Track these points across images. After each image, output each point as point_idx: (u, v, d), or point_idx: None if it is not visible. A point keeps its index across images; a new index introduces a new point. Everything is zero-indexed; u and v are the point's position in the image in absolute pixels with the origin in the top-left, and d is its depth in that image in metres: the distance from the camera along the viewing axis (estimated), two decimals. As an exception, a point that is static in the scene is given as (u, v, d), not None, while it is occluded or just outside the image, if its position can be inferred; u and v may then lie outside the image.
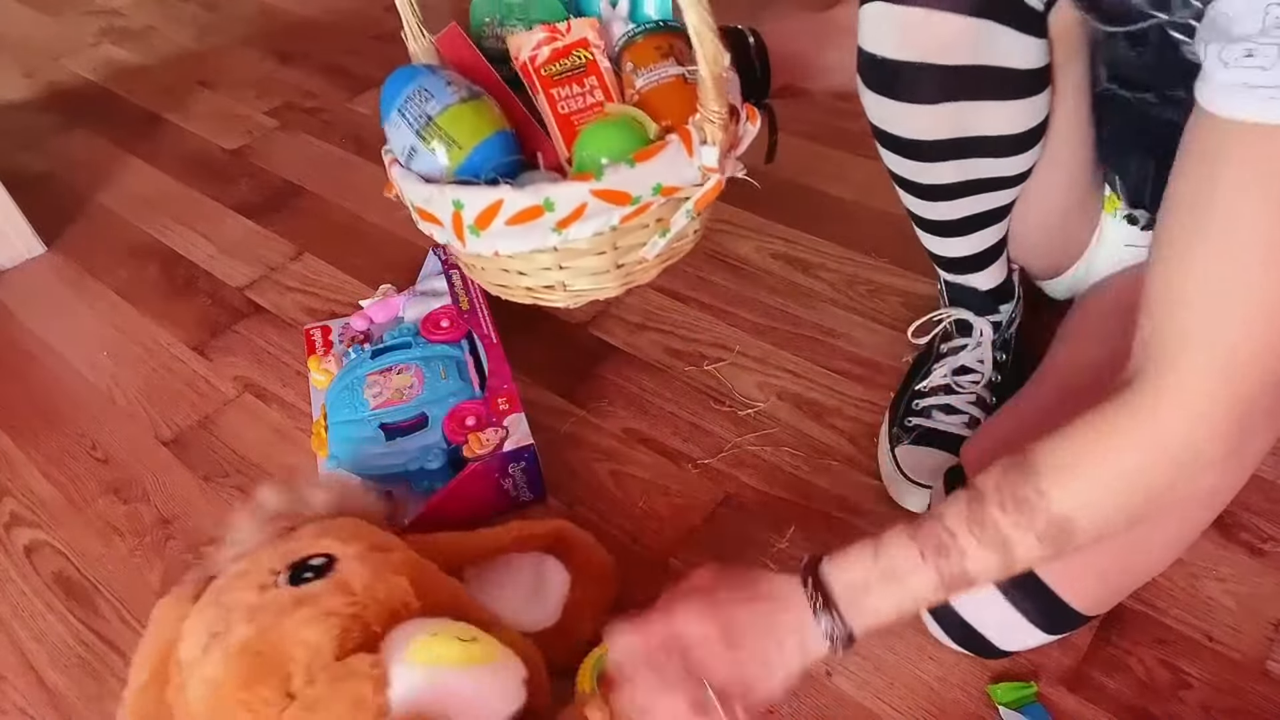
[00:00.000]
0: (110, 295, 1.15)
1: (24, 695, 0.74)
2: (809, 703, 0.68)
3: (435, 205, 0.57)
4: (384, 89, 0.62)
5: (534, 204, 0.54)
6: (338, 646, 0.56)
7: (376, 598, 0.58)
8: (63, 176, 1.40)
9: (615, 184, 0.55)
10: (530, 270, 0.60)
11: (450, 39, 0.67)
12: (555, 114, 0.63)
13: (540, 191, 0.54)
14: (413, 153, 0.59)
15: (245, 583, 0.60)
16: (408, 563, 0.62)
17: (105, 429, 0.97)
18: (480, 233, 0.56)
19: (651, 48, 0.63)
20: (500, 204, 0.55)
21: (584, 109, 0.62)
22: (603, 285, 0.62)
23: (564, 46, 0.63)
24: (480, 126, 0.59)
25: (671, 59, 0.62)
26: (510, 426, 0.81)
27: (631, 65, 0.62)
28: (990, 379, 0.83)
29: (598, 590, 0.72)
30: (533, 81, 0.64)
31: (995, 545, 0.51)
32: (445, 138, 0.58)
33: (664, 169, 0.56)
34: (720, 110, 0.55)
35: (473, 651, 0.54)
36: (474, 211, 0.56)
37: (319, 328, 1.01)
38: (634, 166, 0.55)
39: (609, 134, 0.58)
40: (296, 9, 1.87)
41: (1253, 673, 0.67)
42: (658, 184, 0.56)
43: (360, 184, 1.31)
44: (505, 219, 0.55)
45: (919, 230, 0.80)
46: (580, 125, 0.62)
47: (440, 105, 0.58)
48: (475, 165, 0.59)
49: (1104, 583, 0.64)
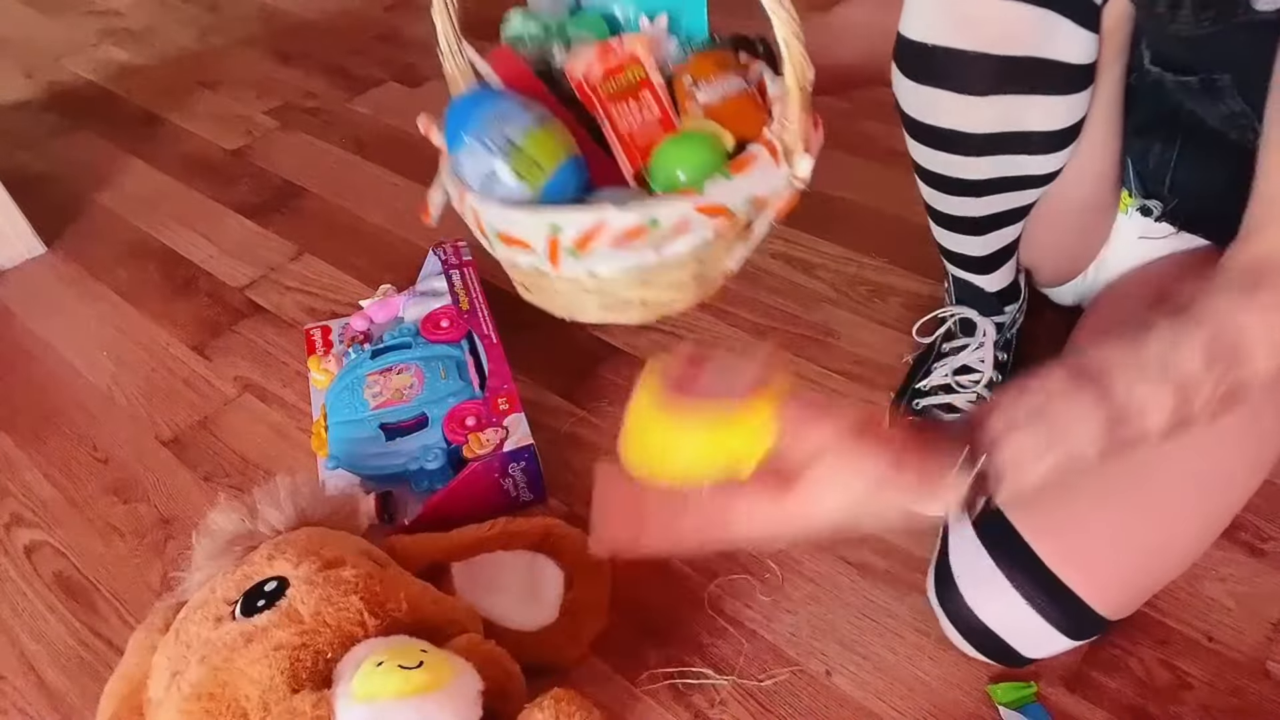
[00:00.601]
0: (110, 295, 1.15)
1: (24, 695, 0.74)
2: (809, 703, 0.68)
3: (525, 229, 0.55)
4: (450, 114, 0.61)
5: (639, 223, 0.54)
6: (290, 679, 0.56)
7: (327, 623, 0.59)
8: (63, 176, 1.40)
9: (716, 198, 0.55)
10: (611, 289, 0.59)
11: (503, 59, 0.66)
12: (617, 132, 0.63)
13: (645, 210, 0.54)
14: (492, 177, 0.57)
15: (202, 614, 0.61)
16: (362, 577, 0.62)
17: (105, 429, 0.97)
18: (580, 255, 0.55)
19: (711, 63, 0.63)
20: (603, 225, 0.54)
21: (642, 125, 0.63)
22: (681, 298, 0.61)
23: (617, 64, 0.63)
24: (557, 149, 0.58)
25: (731, 72, 0.63)
26: (510, 426, 0.81)
27: (691, 80, 0.63)
28: (991, 379, 0.83)
29: (593, 587, 0.73)
30: (591, 100, 0.64)
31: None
32: (528, 161, 0.57)
33: (757, 180, 0.56)
34: (808, 121, 0.55)
35: (415, 681, 0.54)
36: (573, 234, 0.54)
37: (319, 328, 1.01)
38: (731, 179, 0.55)
39: (688, 148, 0.59)
40: (297, 9, 1.87)
41: (1253, 673, 0.67)
42: (751, 195, 0.56)
43: (360, 184, 1.31)
44: (608, 240, 0.54)
45: (936, 225, 0.79)
46: (641, 141, 0.62)
47: (520, 129, 0.57)
48: (556, 187, 0.58)
49: (1128, 586, 0.64)
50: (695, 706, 0.68)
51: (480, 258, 1.09)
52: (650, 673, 0.70)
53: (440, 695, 0.55)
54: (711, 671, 0.70)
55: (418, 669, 0.54)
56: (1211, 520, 0.64)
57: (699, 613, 0.74)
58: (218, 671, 0.57)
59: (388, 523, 0.81)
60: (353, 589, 0.61)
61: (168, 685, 0.59)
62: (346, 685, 0.55)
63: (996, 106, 0.64)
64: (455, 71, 0.62)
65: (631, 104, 0.63)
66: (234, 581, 0.62)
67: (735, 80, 0.63)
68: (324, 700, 0.55)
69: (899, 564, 0.76)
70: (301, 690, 0.56)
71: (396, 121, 1.44)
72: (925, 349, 0.88)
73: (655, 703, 0.69)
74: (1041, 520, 0.64)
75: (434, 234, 1.18)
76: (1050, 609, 0.62)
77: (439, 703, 0.54)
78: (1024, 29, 0.60)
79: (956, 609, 0.66)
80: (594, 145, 0.65)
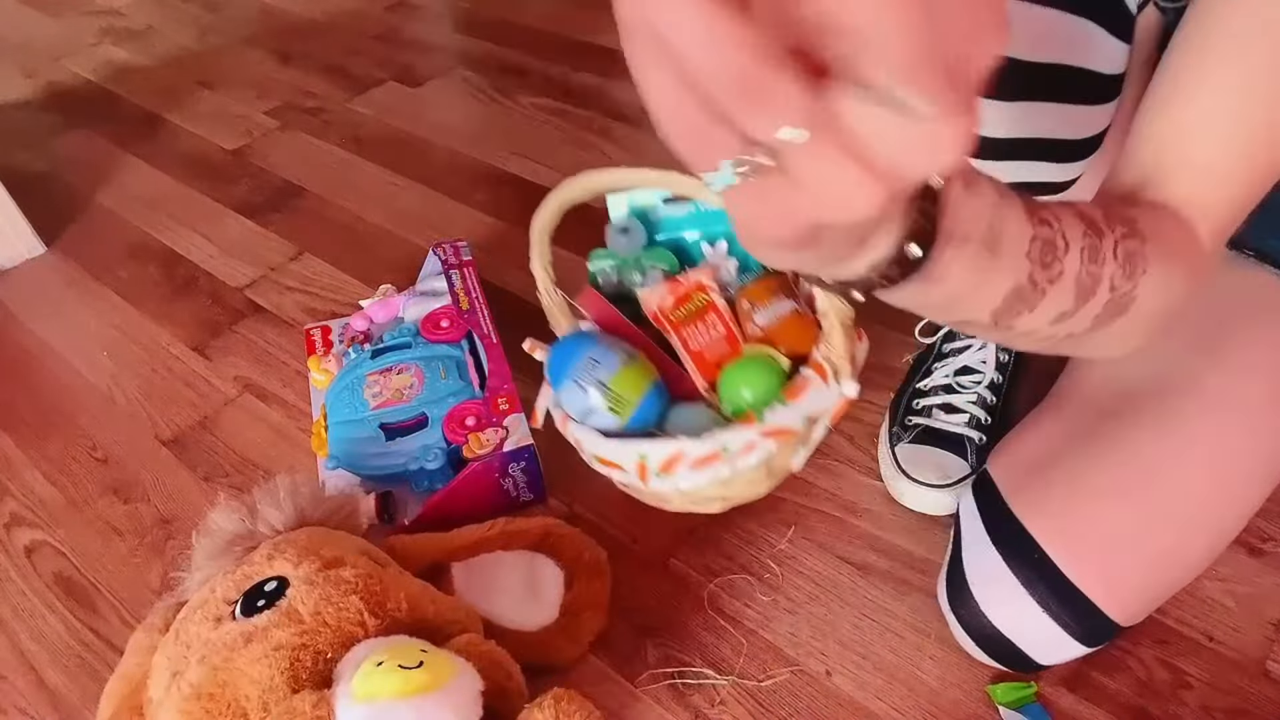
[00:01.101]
0: (110, 295, 1.15)
1: (24, 695, 0.74)
2: (809, 703, 0.68)
3: (618, 456, 0.66)
4: (553, 355, 0.72)
5: (713, 450, 0.64)
6: (290, 679, 0.56)
7: (326, 623, 0.59)
8: (63, 176, 1.40)
9: (776, 422, 0.64)
10: (693, 494, 0.70)
11: (592, 300, 0.78)
12: (689, 351, 0.74)
13: (716, 440, 0.63)
14: (590, 412, 0.69)
15: (202, 615, 0.61)
16: (362, 577, 0.62)
17: (105, 429, 0.97)
18: (664, 475, 0.66)
19: (764, 289, 0.73)
20: (682, 454, 0.64)
21: (710, 342, 0.74)
22: (755, 491, 0.72)
23: (685, 293, 0.75)
24: (641, 383, 0.69)
25: (782, 294, 0.73)
26: (510, 426, 0.81)
27: (749, 304, 0.73)
28: (992, 379, 0.83)
29: (593, 585, 0.73)
30: (665, 326, 0.75)
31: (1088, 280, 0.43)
32: (617, 398, 0.68)
33: (811, 401, 0.65)
34: (852, 342, 0.65)
35: (414, 681, 0.54)
36: (658, 461, 0.65)
37: (319, 328, 1.01)
38: (787, 404, 0.64)
39: (750, 372, 0.68)
40: (297, 9, 1.87)
41: (1253, 673, 0.67)
42: (807, 414, 0.65)
43: (360, 184, 1.31)
44: (687, 464, 0.64)
45: None
46: (710, 356, 0.73)
47: (610, 371, 0.68)
48: (642, 415, 0.69)
49: (1143, 592, 0.64)
50: (695, 706, 0.68)
51: (480, 258, 1.09)
52: (650, 673, 0.70)
53: (440, 695, 0.54)
54: (711, 671, 0.70)
55: (418, 669, 0.54)
56: (1225, 525, 0.64)
57: (699, 613, 0.74)
58: (218, 671, 0.57)
59: (388, 523, 0.81)
60: (353, 589, 0.61)
61: (168, 685, 0.59)
62: (346, 685, 0.55)
63: (1021, 112, 0.63)
64: (553, 306, 0.75)
65: (700, 325, 0.74)
66: (234, 581, 0.62)
67: (786, 303, 0.72)
68: (324, 700, 0.55)
69: (899, 564, 0.76)
70: (301, 690, 0.56)
71: (396, 121, 1.44)
72: (926, 349, 0.88)
73: (655, 703, 0.69)
74: (1057, 525, 0.64)
75: (434, 234, 1.18)
76: (1065, 615, 0.62)
77: (439, 703, 0.54)
78: (1057, 35, 0.59)
79: (969, 614, 0.66)
80: (670, 361, 0.76)
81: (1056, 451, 0.68)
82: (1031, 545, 0.63)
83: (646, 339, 0.77)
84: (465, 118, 1.45)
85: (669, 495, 0.69)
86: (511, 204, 1.23)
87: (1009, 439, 0.74)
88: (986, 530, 0.66)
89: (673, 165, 0.36)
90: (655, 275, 0.82)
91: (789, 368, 0.70)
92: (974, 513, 0.69)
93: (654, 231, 0.86)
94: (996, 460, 0.72)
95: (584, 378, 0.69)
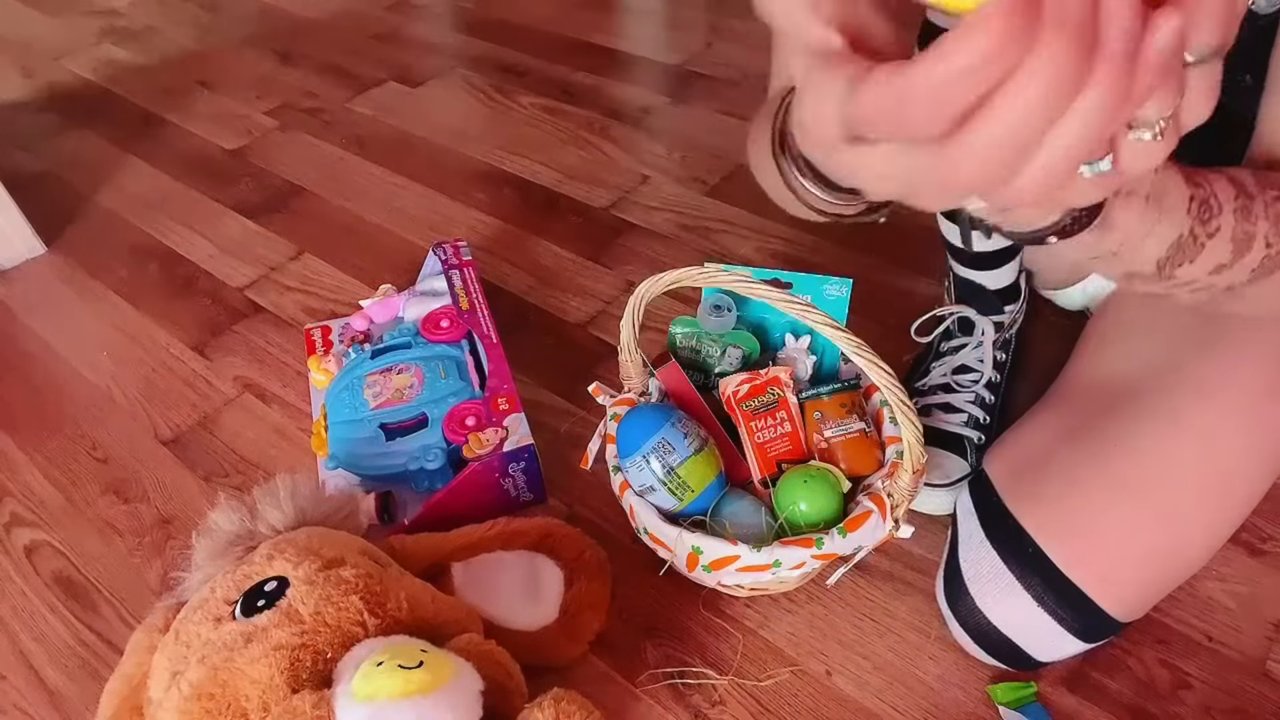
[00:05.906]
0: (110, 295, 1.15)
1: (24, 695, 0.74)
2: (808, 703, 0.68)
3: (671, 540, 0.68)
4: (624, 427, 0.73)
5: (766, 562, 0.65)
6: (290, 679, 0.56)
7: (326, 623, 0.59)
8: (62, 176, 1.40)
9: (830, 549, 0.65)
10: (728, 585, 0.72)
11: (670, 373, 0.80)
12: (754, 443, 0.76)
13: (772, 553, 0.64)
14: (652, 490, 0.70)
15: (202, 614, 0.61)
16: (362, 577, 0.62)
17: (105, 429, 0.97)
18: (712, 571, 0.67)
19: (837, 405, 0.76)
20: (736, 558, 0.65)
21: (774, 438, 0.76)
22: (784, 590, 0.74)
23: (760, 385, 0.77)
24: (708, 474, 0.71)
25: (854, 415, 0.75)
26: (510, 426, 0.81)
27: (820, 415, 0.75)
28: (990, 379, 0.83)
29: (594, 585, 0.73)
30: (735, 415, 0.77)
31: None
32: (682, 484, 0.69)
33: (866, 534, 0.66)
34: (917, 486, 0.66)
35: (415, 681, 0.54)
36: (711, 557, 0.66)
37: (319, 328, 1.01)
38: (845, 536, 0.65)
39: (811, 486, 0.69)
40: (296, 9, 1.87)
41: (1253, 673, 0.67)
42: (859, 545, 0.67)
43: (360, 184, 1.31)
44: (737, 567, 0.66)
45: (944, 219, 0.79)
46: (771, 451, 0.75)
47: (680, 458, 0.69)
48: (699, 502, 0.71)
49: (1141, 588, 0.64)
50: (695, 706, 0.68)
51: (480, 258, 1.09)
52: (650, 673, 0.70)
53: (440, 695, 0.54)
54: (711, 671, 0.70)
55: (418, 669, 0.54)
56: (1224, 522, 0.64)
57: (699, 613, 0.74)
58: (217, 671, 0.57)
59: (388, 523, 0.81)
60: (353, 589, 0.61)
61: (168, 685, 0.59)
62: (346, 685, 0.55)
63: None
64: (629, 363, 0.75)
65: (768, 419, 0.76)
66: (234, 581, 0.62)
67: (857, 423, 0.74)
68: (324, 700, 0.55)
69: (899, 564, 0.76)
70: (301, 690, 0.56)
71: (396, 121, 1.44)
72: (924, 348, 0.88)
73: (655, 703, 0.69)
74: (1052, 522, 0.64)
75: (434, 234, 1.18)
76: (1062, 611, 0.62)
77: (439, 702, 0.54)
78: None
79: (967, 612, 0.66)
80: (729, 444, 0.77)
81: (1052, 447, 0.68)
82: (1027, 541, 0.63)
83: (714, 421, 0.78)
84: (465, 118, 1.45)
85: (705, 580, 0.70)
86: (511, 204, 1.23)
87: (1006, 436, 0.74)
88: (982, 527, 0.67)
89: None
90: (734, 356, 0.83)
91: (848, 489, 0.71)
92: (970, 510, 0.69)
93: (740, 306, 0.86)
94: (993, 457, 0.73)
95: (654, 458, 0.70)
